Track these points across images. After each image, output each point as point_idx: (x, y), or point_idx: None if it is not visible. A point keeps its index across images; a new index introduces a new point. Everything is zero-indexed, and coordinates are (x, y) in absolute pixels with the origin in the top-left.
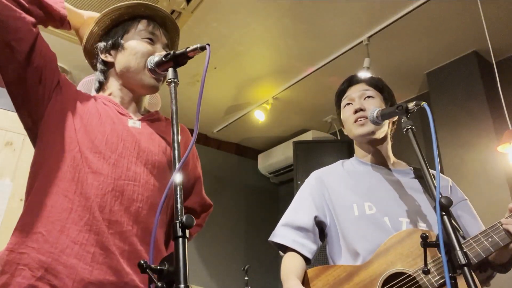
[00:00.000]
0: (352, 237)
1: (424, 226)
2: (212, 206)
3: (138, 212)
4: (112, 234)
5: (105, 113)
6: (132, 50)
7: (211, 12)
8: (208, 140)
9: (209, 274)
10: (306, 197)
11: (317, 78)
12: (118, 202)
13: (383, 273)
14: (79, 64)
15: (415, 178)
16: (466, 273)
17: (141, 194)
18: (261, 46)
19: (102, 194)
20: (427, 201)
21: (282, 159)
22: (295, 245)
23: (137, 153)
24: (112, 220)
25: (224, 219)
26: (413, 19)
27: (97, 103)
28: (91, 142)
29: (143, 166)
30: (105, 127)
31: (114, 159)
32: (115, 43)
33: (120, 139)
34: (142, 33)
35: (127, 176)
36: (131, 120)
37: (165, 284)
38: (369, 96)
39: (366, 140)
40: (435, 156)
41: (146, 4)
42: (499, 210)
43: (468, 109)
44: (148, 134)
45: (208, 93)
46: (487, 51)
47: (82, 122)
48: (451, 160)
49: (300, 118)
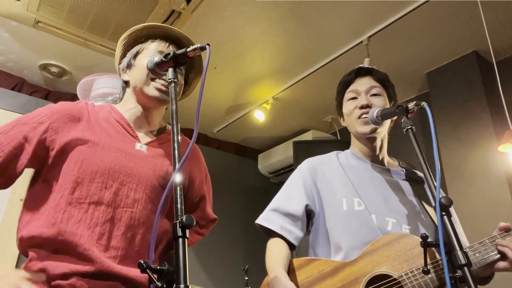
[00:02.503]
0: (337, 230)
1: (408, 228)
2: (217, 220)
3: (133, 237)
4: (108, 258)
5: (114, 136)
6: (138, 67)
7: (211, 12)
8: (208, 140)
9: (209, 274)
10: (298, 184)
11: (317, 78)
12: (116, 229)
13: (368, 273)
14: (79, 64)
15: (406, 179)
16: (466, 273)
17: (137, 220)
18: (261, 46)
19: (102, 223)
20: (415, 203)
21: (282, 159)
22: (283, 231)
23: (138, 179)
24: (110, 246)
25: (224, 219)
26: (413, 19)
27: (110, 122)
28: (94, 173)
29: (142, 192)
30: (110, 155)
31: (115, 188)
32: (129, 63)
33: (123, 166)
34: (152, 51)
35: (126, 203)
36: (139, 144)
37: (165, 284)
38: (375, 94)
39: (364, 137)
40: (435, 156)
41: (158, 25)
42: (499, 210)
43: (468, 109)
44: (152, 158)
45: (208, 93)
46: (487, 51)
47: (86, 152)
48: (451, 160)
49: (300, 118)
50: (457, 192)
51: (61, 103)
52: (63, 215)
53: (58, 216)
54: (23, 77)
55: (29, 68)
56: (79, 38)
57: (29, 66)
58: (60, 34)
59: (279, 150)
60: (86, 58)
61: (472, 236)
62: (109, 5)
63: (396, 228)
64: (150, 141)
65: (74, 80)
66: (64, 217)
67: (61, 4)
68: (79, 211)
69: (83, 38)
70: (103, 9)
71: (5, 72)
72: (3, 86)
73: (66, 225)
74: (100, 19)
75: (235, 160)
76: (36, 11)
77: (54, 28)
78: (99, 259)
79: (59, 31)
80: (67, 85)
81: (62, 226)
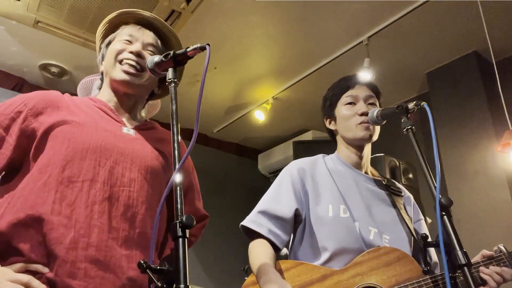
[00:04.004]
0: (322, 235)
1: (388, 238)
2: (208, 217)
3: (134, 217)
4: (111, 239)
5: (99, 121)
6: (108, 53)
7: (211, 12)
8: (208, 140)
9: (209, 274)
10: (287, 187)
11: (317, 78)
12: (114, 208)
13: (357, 284)
14: (79, 64)
15: (386, 190)
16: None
17: (136, 199)
18: (261, 46)
19: (100, 201)
20: (395, 214)
21: (282, 159)
22: (271, 235)
23: (131, 159)
24: (111, 226)
25: (224, 219)
26: (413, 19)
27: (93, 109)
28: (85, 151)
29: (137, 172)
30: (99, 134)
31: (109, 166)
32: (103, 53)
33: (114, 145)
34: (122, 36)
35: (122, 182)
36: (125, 127)
37: (165, 284)
38: (372, 103)
39: (360, 143)
40: (435, 156)
41: (127, 11)
42: (499, 210)
43: (468, 109)
44: (141, 140)
45: (208, 93)
46: (487, 51)
47: (72, 132)
48: (451, 160)
49: (300, 118)
50: (457, 192)
51: (33, 92)
52: (55, 195)
53: (48, 196)
54: (23, 77)
55: (29, 68)
56: (79, 38)
57: (29, 66)
58: (60, 34)
59: (279, 150)
60: (86, 58)
61: (472, 236)
62: (109, 5)
63: (377, 238)
64: (135, 126)
65: (74, 80)
66: (57, 197)
67: (61, 4)
68: (73, 190)
69: (83, 38)
70: (103, 9)
71: (5, 72)
72: (3, 86)
73: (60, 206)
74: (100, 19)
75: (235, 160)
76: (36, 11)
77: (54, 28)
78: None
79: (59, 31)
80: (67, 85)
81: (56, 206)
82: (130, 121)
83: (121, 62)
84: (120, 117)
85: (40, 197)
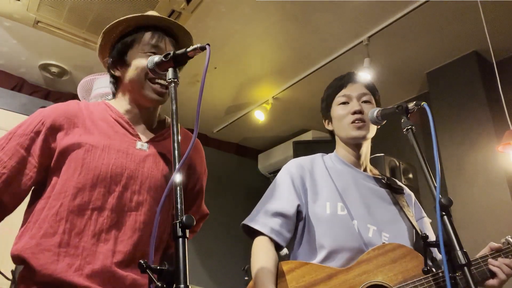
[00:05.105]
0: (320, 233)
1: (387, 236)
2: (208, 214)
3: (139, 240)
4: (116, 263)
5: (113, 137)
6: (134, 66)
7: (211, 12)
8: (208, 140)
9: (209, 274)
10: (288, 184)
11: (317, 78)
12: (121, 234)
13: (363, 282)
14: (79, 64)
15: (387, 188)
16: (466, 273)
17: (143, 222)
18: (261, 46)
19: (107, 229)
20: (395, 211)
21: (282, 159)
22: (273, 233)
23: (141, 181)
24: (116, 251)
25: (224, 219)
26: (413, 19)
27: (108, 121)
28: (96, 177)
29: (146, 194)
30: (111, 157)
31: (118, 191)
32: (121, 60)
33: (124, 168)
34: (146, 47)
35: (129, 207)
36: (139, 142)
37: (165, 284)
38: (366, 101)
39: (356, 142)
40: (435, 156)
41: (147, 16)
42: (499, 210)
43: (468, 109)
44: (154, 157)
45: (208, 93)
46: (487, 51)
47: (85, 157)
48: (451, 160)
49: (300, 118)
50: (457, 192)
51: (51, 107)
52: (65, 225)
53: (59, 226)
54: (23, 77)
55: (29, 68)
56: (79, 38)
57: (29, 66)
58: (60, 34)
59: (279, 150)
60: (86, 58)
61: (472, 236)
62: (109, 5)
63: (376, 236)
64: (150, 138)
65: (74, 80)
66: (67, 227)
67: (61, 4)
68: (82, 218)
69: (83, 38)
70: (103, 9)
71: (5, 72)
72: (3, 86)
73: (69, 236)
74: (100, 19)
75: (235, 160)
76: (36, 11)
77: (54, 28)
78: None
79: (59, 31)
80: (67, 85)
81: (65, 237)
82: (145, 133)
83: (151, 80)
84: (136, 130)
85: (53, 227)
